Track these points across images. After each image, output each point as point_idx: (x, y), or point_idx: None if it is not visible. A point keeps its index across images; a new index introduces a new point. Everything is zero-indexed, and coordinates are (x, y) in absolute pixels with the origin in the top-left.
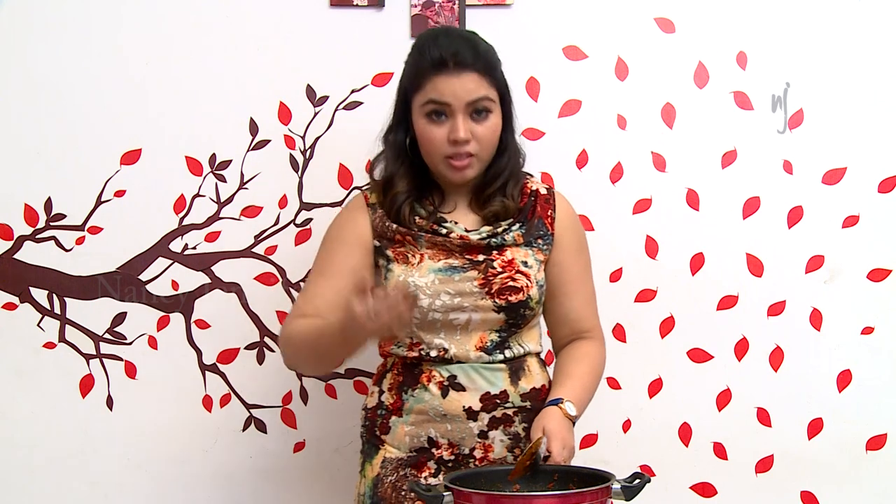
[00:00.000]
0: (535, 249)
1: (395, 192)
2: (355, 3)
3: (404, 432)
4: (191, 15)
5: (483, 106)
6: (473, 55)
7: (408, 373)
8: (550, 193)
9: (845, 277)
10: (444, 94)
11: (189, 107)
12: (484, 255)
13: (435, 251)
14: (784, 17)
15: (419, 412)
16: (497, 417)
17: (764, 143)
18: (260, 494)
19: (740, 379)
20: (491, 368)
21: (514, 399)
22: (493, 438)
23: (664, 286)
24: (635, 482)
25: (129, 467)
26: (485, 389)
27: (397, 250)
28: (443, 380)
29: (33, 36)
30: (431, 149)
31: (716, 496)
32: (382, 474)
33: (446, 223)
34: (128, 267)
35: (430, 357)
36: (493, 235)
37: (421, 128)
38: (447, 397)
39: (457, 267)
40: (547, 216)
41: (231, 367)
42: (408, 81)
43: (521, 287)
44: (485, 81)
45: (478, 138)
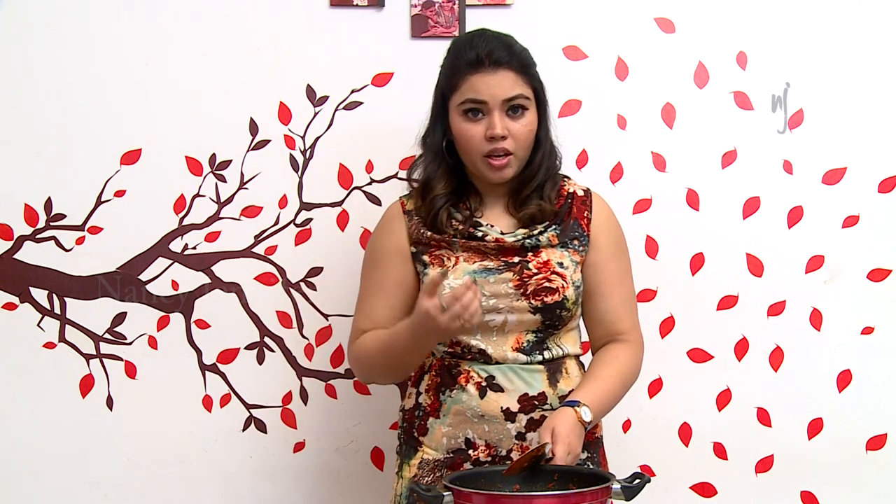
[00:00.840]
0: (570, 250)
1: (434, 196)
2: (355, 3)
3: (442, 433)
4: (191, 15)
5: (519, 104)
6: (508, 54)
7: (445, 374)
8: (588, 195)
9: (845, 277)
10: (481, 92)
11: (189, 107)
12: (519, 257)
13: (470, 254)
14: (784, 17)
15: (457, 413)
16: (535, 419)
17: (764, 143)
18: (260, 494)
19: (740, 379)
20: (529, 370)
21: (553, 401)
22: (531, 440)
23: (664, 286)
24: (635, 482)
25: (129, 467)
26: (523, 391)
27: (433, 254)
28: (481, 380)
29: (33, 36)
30: (469, 147)
31: (716, 496)
32: (420, 475)
33: (482, 226)
34: (128, 267)
35: (468, 357)
36: (528, 237)
37: (458, 127)
38: (485, 398)
39: (492, 269)
40: (583, 217)
41: (231, 367)
42: (444, 83)
43: (557, 288)
44: (520, 80)
45: (514, 135)
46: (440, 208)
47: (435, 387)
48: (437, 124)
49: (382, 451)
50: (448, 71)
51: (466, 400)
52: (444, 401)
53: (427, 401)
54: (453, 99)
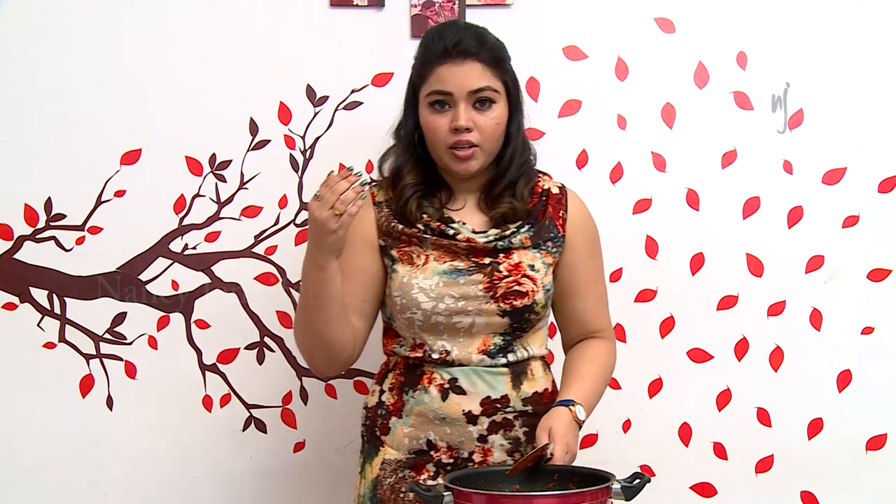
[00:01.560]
0: (543, 252)
1: (404, 185)
2: (355, 3)
3: (404, 434)
4: (191, 15)
5: (486, 96)
6: (477, 45)
7: (409, 373)
8: (563, 192)
9: (845, 277)
10: (447, 83)
11: (189, 107)
12: (490, 258)
13: (440, 253)
14: (784, 17)
15: (419, 414)
16: (497, 422)
17: (764, 143)
18: (260, 494)
19: (740, 379)
20: (493, 372)
21: (516, 403)
22: (493, 443)
23: (664, 286)
24: (635, 482)
25: (129, 467)
26: (486, 393)
27: (402, 250)
28: (443, 382)
29: (33, 36)
30: (435, 139)
31: (716, 496)
32: (382, 476)
33: (454, 223)
34: (128, 267)
35: (431, 359)
36: (501, 238)
37: (425, 118)
38: (447, 400)
39: (462, 270)
40: (559, 217)
41: (231, 367)
42: (415, 75)
43: (527, 291)
44: (488, 72)
45: (480, 128)
46: (410, 197)
47: (399, 386)
48: (409, 116)
49: None
50: (418, 62)
51: (428, 402)
52: (406, 401)
53: (390, 399)
54: (422, 90)
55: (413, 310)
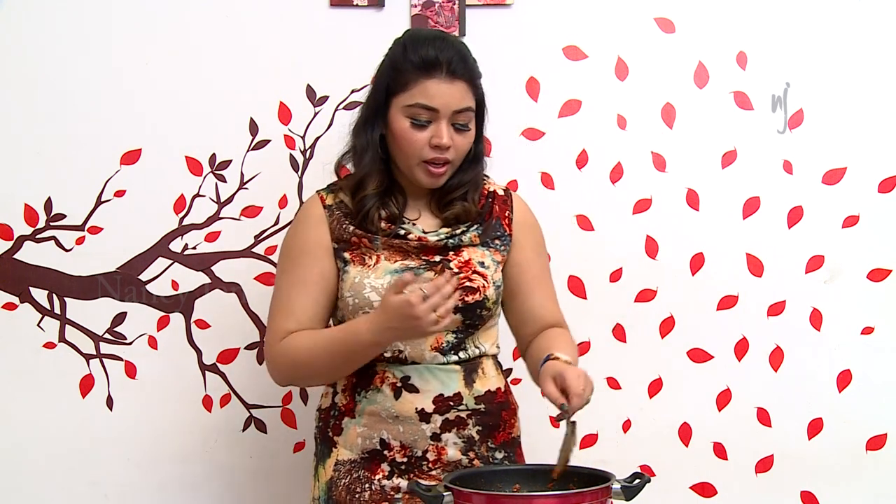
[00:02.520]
0: (492, 250)
1: (365, 195)
2: (355, 3)
3: (356, 434)
4: (191, 15)
5: (466, 118)
6: (465, 66)
7: (361, 374)
8: (508, 195)
9: (845, 277)
10: (434, 99)
11: (189, 107)
12: (440, 256)
13: (391, 252)
14: (784, 17)
15: (371, 413)
16: (450, 420)
17: (764, 143)
18: (260, 494)
19: (740, 379)
20: (445, 370)
21: (469, 401)
22: (447, 441)
23: (664, 286)
24: (635, 482)
25: (129, 467)
26: (438, 391)
27: (354, 252)
28: (396, 381)
29: (33, 36)
30: (410, 151)
31: (716, 496)
32: (336, 477)
33: (404, 224)
34: (128, 267)
35: (384, 358)
36: (451, 237)
37: (402, 129)
38: (400, 399)
39: (412, 268)
40: (504, 217)
41: (231, 367)
42: (390, 79)
43: (478, 287)
44: (470, 93)
45: (456, 147)
46: (370, 207)
47: (351, 387)
48: (377, 119)
49: None
50: (399, 65)
51: (381, 400)
52: (359, 401)
53: (343, 401)
54: (400, 97)
55: (365, 309)
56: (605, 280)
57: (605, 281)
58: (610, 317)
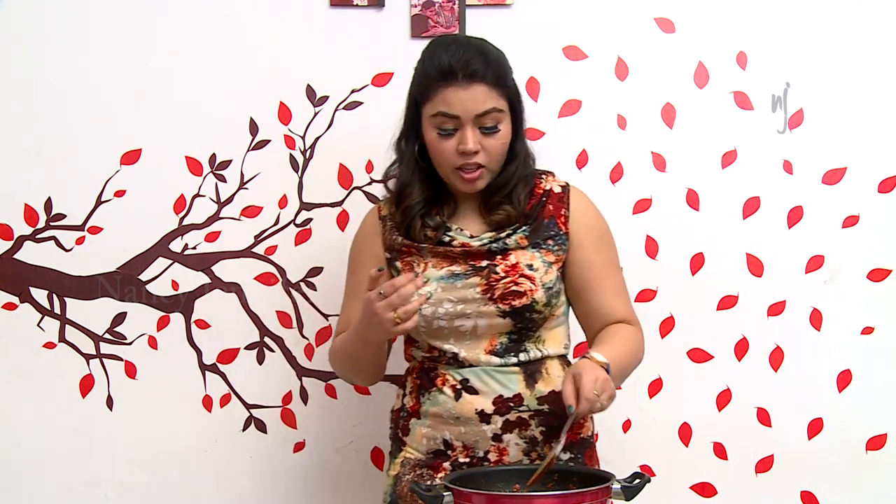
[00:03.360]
0: (543, 251)
1: (408, 205)
2: (355, 3)
3: (422, 434)
4: (191, 15)
5: (493, 120)
6: (483, 66)
7: (425, 376)
8: (565, 191)
9: (845, 277)
10: (453, 107)
11: (189, 107)
12: (487, 261)
13: (438, 259)
14: (784, 17)
15: (435, 415)
16: (511, 421)
17: (764, 143)
18: (260, 494)
19: (740, 379)
20: (504, 371)
21: (530, 402)
22: (508, 442)
23: (664, 286)
24: (635, 482)
25: (129, 467)
26: (498, 392)
27: (405, 261)
28: (456, 383)
29: (33, 36)
30: (441, 160)
31: (716, 496)
32: (401, 473)
33: (450, 231)
34: (128, 267)
35: (444, 360)
36: (495, 241)
37: (431, 139)
38: (460, 400)
39: (459, 274)
40: (560, 215)
41: (231, 367)
42: (417, 90)
43: (525, 291)
44: (494, 92)
45: (487, 150)
46: (414, 217)
47: (416, 389)
48: (411, 129)
49: (382, 451)
50: (421, 77)
51: (443, 402)
52: (423, 402)
53: (410, 402)
54: (426, 108)
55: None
56: None
57: None
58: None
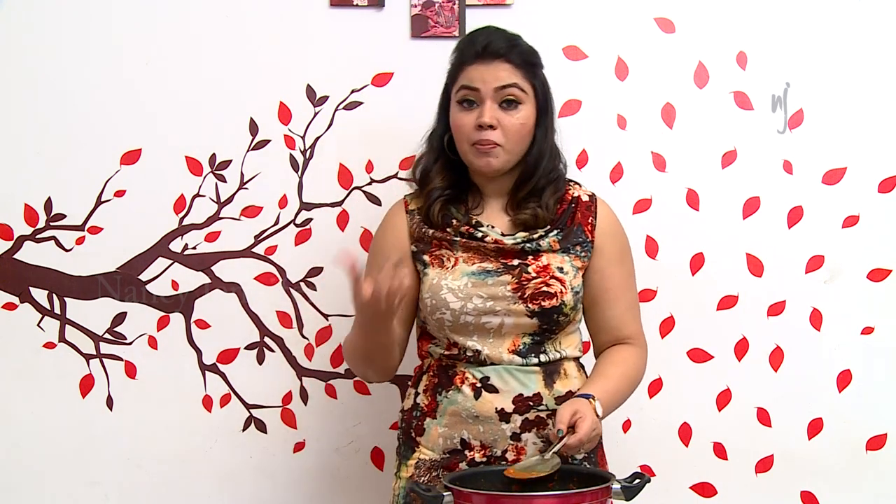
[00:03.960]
0: (572, 256)
1: (431, 189)
2: (355, 3)
3: (438, 434)
4: (191, 15)
5: (512, 95)
6: (507, 47)
7: (442, 374)
8: (593, 200)
9: (845, 277)
10: (474, 80)
11: (189, 107)
12: (519, 260)
13: (469, 255)
14: (784, 17)
15: (452, 414)
16: (530, 420)
17: (764, 143)
18: (260, 494)
19: (740, 379)
20: (524, 371)
21: (549, 401)
22: (526, 441)
23: (664, 286)
24: (635, 482)
25: (129, 467)
26: (518, 391)
27: (434, 254)
28: (475, 381)
29: (33, 36)
30: (460, 136)
31: (716, 496)
32: (416, 475)
33: (482, 227)
34: (128, 267)
35: (464, 357)
36: (529, 241)
37: (453, 116)
38: (480, 399)
39: (490, 271)
40: (587, 223)
41: (231, 367)
42: (448, 79)
43: (555, 293)
44: (518, 72)
45: (504, 127)
46: (435, 200)
47: (432, 387)
48: (441, 120)
49: (382, 451)
50: (452, 67)
51: (462, 401)
52: (440, 401)
53: (424, 401)
54: (453, 90)
55: (442, 310)
56: None
57: None
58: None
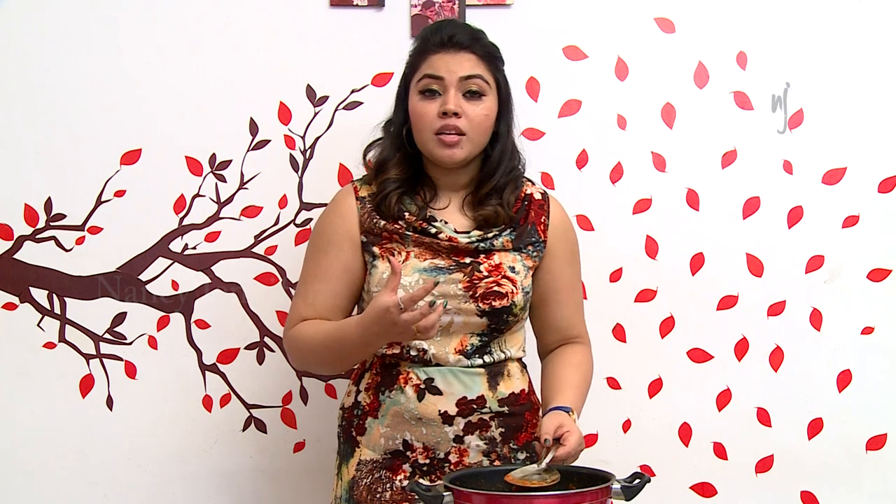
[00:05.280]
0: (524, 255)
1: (386, 178)
2: (355, 3)
3: (380, 434)
4: (190, 15)
5: (477, 86)
6: (472, 39)
7: (386, 373)
8: (545, 199)
9: (845, 277)
10: (439, 69)
11: (189, 107)
12: (471, 258)
13: (421, 250)
14: (784, 17)
15: (395, 414)
16: (473, 422)
17: (764, 143)
18: (260, 494)
19: (740, 379)
20: (469, 372)
21: (492, 404)
22: (469, 443)
23: (664, 286)
24: (635, 482)
25: (129, 467)
26: (461, 394)
27: (384, 247)
28: (419, 382)
29: (33, 36)
30: (422, 124)
31: (716, 496)
32: (358, 476)
33: (436, 222)
34: (128, 267)
35: (408, 357)
36: (483, 240)
37: (414, 105)
38: (423, 401)
39: (442, 268)
40: (540, 222)
41: (231, 367)
42: (408, 68)
43: (506, 293)
44: (482, 64)
45: (468, 117)
46: (390, 192)
47: (375, 386)
48: (399, 110)
49: None
50: (412, 56)
51: (404, 402)
52: (382, 401)
53: (366, 400)
54: (413, 78)
55: None
56: (605, 280)
57: (605, 281)
58: (610, 317)
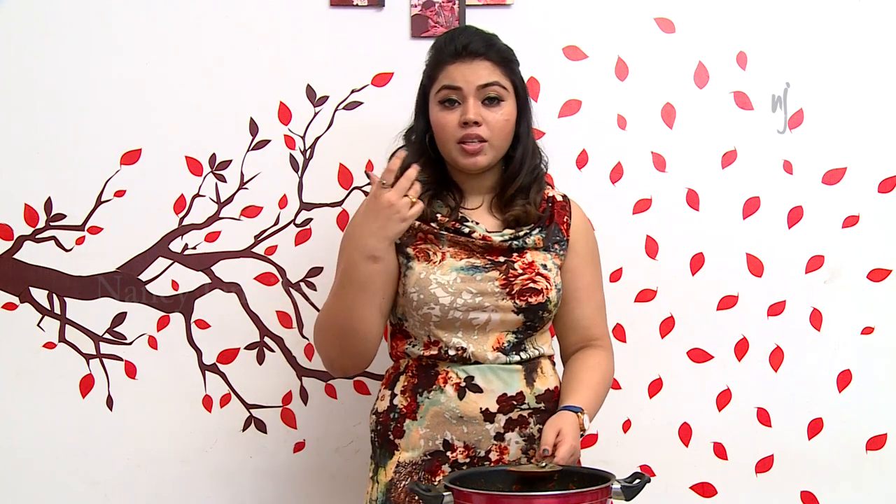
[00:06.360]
0: (552, 254)
1: None
2: (355, 3)
3: (419, 435)
4: (191, 15)
5: (495, 92)
6: (486, 46)
7: (423, 374)
8: (566, 200)
9: (845, 277)
10: (456, 79)
11: (189, 107)
12: (505, 257)
13: (457, 250)
14: (784, 17)
15: (435, 415)
16: (513, 419)
17: (764, 143)
18: (260, 494)
19: (740, 379)
20: (507, 370)
21: (530, 400)
22: (509, 440)
23: (664, 286)
24: (635, 482)
25: (129, 467)
26: (502, 391)
27: (418, 247)
28: (459, 381)
29: (33, 36)
30: (444, 135)
31: (716, 496)
32: (396, 479)
33: (468, 222)
34: (128, 267)
35: (447, 357)
36: (515, 238)
37: (435, 116)
38: (464, 399)
39: (479, 266)
40: (563, 222)
41: (231, 367)
42: (426, 78)
43: (542, 289)
44: (498, 70)
45: (489, 124)
46: (423, 194)
47: (412, 388)
48: (419, 118)
49: None
50: (429, 65)
51: (445, 401)
52: (421, 402)
53: (403, 402)
54: (432, 90)
55: (431, 305)
56: (605, 280)
57: (605, 281)
58: (610, 317)
